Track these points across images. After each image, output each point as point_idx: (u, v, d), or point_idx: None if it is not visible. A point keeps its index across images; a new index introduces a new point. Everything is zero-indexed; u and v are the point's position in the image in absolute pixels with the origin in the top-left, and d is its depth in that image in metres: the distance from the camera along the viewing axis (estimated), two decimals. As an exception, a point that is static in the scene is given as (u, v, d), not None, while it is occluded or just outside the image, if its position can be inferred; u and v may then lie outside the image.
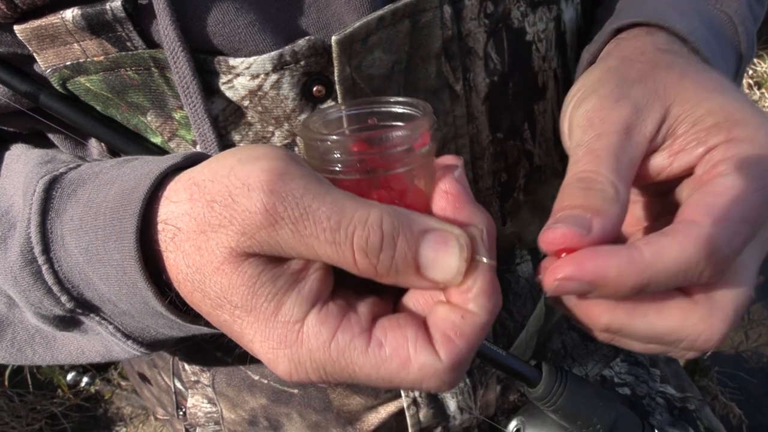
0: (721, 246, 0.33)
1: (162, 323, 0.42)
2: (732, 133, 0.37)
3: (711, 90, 0.39)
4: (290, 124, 0.47)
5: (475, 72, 0.51)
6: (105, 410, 2.09)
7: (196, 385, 0.69)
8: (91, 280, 0.40)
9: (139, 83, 0.45)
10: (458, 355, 0.33)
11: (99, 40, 0.42)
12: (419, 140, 0.36)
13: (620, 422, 0.51)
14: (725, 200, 0.34)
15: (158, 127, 0.47)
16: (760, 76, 2.60)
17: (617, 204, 0.36)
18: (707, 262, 0.33)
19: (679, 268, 0.33)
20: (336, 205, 0.32)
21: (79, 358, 0.49)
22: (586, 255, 0.34)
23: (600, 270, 0.33)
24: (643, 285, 0.34)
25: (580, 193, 0.36)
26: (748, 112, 0.38)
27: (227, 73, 0.44)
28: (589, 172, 0.37)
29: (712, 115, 0.38)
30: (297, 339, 0.33)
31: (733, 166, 0.35)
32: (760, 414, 2.08)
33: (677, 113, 0.39)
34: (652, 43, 0.46)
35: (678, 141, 0.38)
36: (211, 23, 0.42)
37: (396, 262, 0.33)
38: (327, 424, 0.65)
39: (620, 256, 0.33)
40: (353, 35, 0.43)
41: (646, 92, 0.40)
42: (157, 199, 0.37)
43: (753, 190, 0.34)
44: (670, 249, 0.33)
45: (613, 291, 0.34)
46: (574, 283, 0.34)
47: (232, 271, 0.33)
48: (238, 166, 0.34)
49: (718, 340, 0.36)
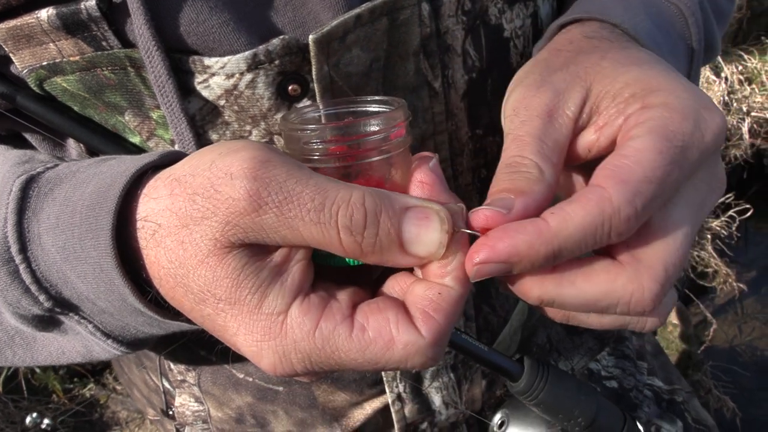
0: (622, 206, 0.34)
1: (141, 320, 0.42)
2: (646, 100, 0.38)
3: (629, 64, 0.41)
4: (267, 123, 0.47)
5: (453, 69, 0.51)
6: (100, 415, 2.09)
7: (183, 384, 0.69)
8: (69, 278, 0.40)
9: (115, 83, 0.45)
10: (439, 329, 0.35)
11: (75, 40, 0.42)
12: (395, 130, 0.37)
13: (601, 414, 0.51)
14: (629, 162, 0.35)
15: (136, 127, 0.48)
16: (750, 72, 2.61)
17: (541, 183, 0.37)
18: (610, 223, 0.34)
19: (585, 232, 0.34)
20: (319, 187, 0.34)
21: (60, 358, 0.49)
22: (496, 236, 0.35)
23: (511, 248, 0.34)
24: (555, 253, 0.35)
25: (506, 177, 0.38)
26: (663, 79, 0.39)
27: (202, 73, 0.44)
28: (515, 156, 0.38)
29: (630, 86, 0.39)
30: (281, 331, 0.34)
31: (643, 129, 0.36)
32: (754, 407, 2.09)
33: (598, 90, 0.40)
34: (581, 32, 0.47)
35: (602, 116, 0.40)
36: (185, 22, 0.42)
37: (380, 239, 0.34)
38: (313, 420, 0.66)
39: (527, 230, 0.34)
40: (330, 34, 0.43)
41: (567, 76, 0.41)
42: (136, 197, 0.37)
43: (658, 151, 0.35)
44: (573, 215, 0.34)
45: (530, 264, 0.35)
46: (492, 265, 0.35)
47: (217, 263, 0.34)
48: (219, 159, 0.34)
49: (650, 299, 0.36)
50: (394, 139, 0.37)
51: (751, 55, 2.64)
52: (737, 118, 2.52)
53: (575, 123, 0.40)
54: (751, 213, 2.37)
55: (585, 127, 0.40)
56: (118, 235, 0.37)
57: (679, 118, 0.36)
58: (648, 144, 0.35)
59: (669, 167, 0.35)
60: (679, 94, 0.38)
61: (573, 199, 0.35)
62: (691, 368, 2.11)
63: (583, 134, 0.40)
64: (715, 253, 2.40)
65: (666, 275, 0.36)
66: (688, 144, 0.36)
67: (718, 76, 2.56)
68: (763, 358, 2.26)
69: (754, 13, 2.77)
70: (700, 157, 0.37)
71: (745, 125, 2.52)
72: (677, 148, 0.36)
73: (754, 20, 2.79)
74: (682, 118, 0.36)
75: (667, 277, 0.36)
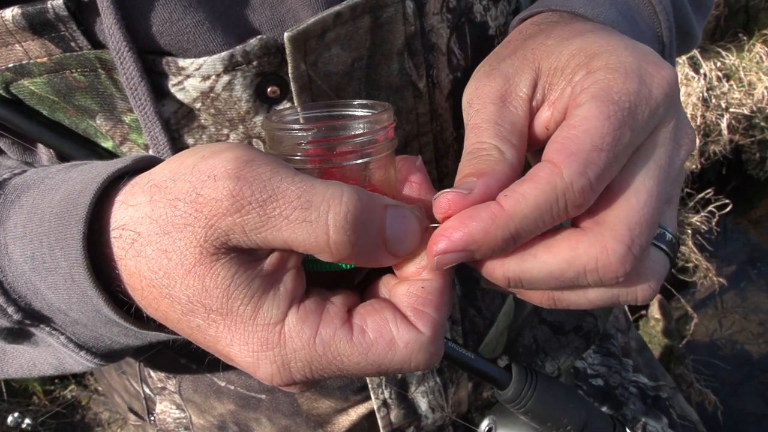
0: (574, 179, 0.33)
1: (116, 331, 0.41)
2: (590, 65, 0.37)
3: (571, 36, 0.40)
4: (245, 126, 0.45)
5: (438, 68, 0.50)
6: (82, 416, 2.07)
7: (164, 392, 0.67)
8: (39, 289, 0.39)
9: (85, 85, 0.43)
10: (435, 323, 0.35)
11: (42, 41, 0.41)
12: (382, 133, 0.37)
13: (591, 422, 0.50)
14: (577, 132, 0.34)
15: (108, 131, 0.46)
16: (728, 69, 2.64)
17: (502, 163, 0.36)
18: (564, 198, 0.33)
19: (540, 210, 0.34)
20: (305, 184, 0.32)
21: (31, 371, 0.47)
22: (452, 226, 0.34)
23: (467, 236, 0.34)
24: (513, 236, 0.34)
25: (467, 164, 0.37)
26: (605, 42, 0.38)
27: (177, 75, 0.42)
28: (474, 143, 0.38)
29: (574, 56, 0.38)
30: (279, 340, 0.33)
31: (587, 95, 0.35)
32: (735, 400, 2.12)
33: (547, 68, 0.39)
34: (531, 22, 0.47)
35: (554, 90, 0.39)
36: (158, 22, 0.40)
37: (370, 239, 0.34)
38: (297, 427, 0.65)
39: (481, 217, 0.34)
40: (307, 31, 0.42)
41: (514, 61, 0.41)
42: (109, 204, 0.35)
43: (605, 116, 0.34)
44: (526, 195, 0.34)
45: (490, 250, 0.34)
46: (452, 254, 0.34)
47: (205, 272, 0.32)
48: (201, 162, 0.33)
49: (617, 261, 0.34)
50: (381, 141, 0.37)
51: (729, 51, 2.67)
52: (716, 114, 2.56)
53: (530, 103, 0.39)
54: (730, 208, 2.40)
55: (541, 106, 0.40)
56: (89, 244, 0.35)
57: (622, 77, 0.35)
58: (593, 110, 0.34)
59: (618, 131, 0.34)
60: (620, 53, 0.37)
61: (525, 179, 0.35)
62: (673, 362, 2.13)
63: (539, 113, 0.40)
64: (696, 248, 2.43)
65: (630, 234, 0.35)
66: (635, 103, 0.35)
67: (696, 72, 2.59)
68: (743, 352, 2.29)
69: (731, 10, 2.80)
70: (652, 114, 0.35)
71: (723, 121, 2.55)
72: (624, 110, 0.34)
73: (731, 17, 2.83)
74: (624, 78, 0.35)
75: (632, 236, 0.35)
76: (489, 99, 0.39)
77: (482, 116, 0.39)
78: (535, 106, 0.39)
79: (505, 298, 0.67)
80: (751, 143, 2.70)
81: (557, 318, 0.75)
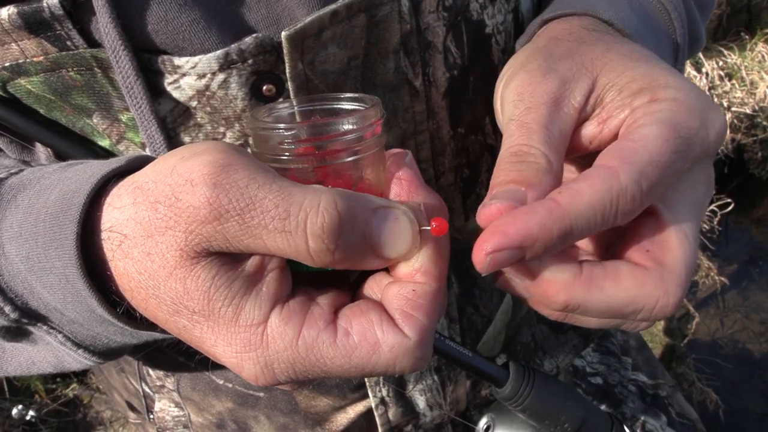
0: (629, 185, 0.34)
1: (112, 330, 0.41)
2: (656, 94, 0.38)
3: (636, 60, 0.40)
4: (241, 124, 0.45)
5: (434, 66, 0.50)
6: (84, 414, 2.07)
7: (162, 390, 0.68)
8: (35, 288, 0.39)
9: (82, 84, 0.43)
10: (422, 327, 0.34)
11: (38, 40, 0.41)
12: (369, 129, 0.36)
13: (589, 420, 0.50)
14: (636, 145, 0.35)
15: (105, 130, 0.46)
16: (730, 68, 2.63)
17: (549, 174, 0.36)
18: (617, 202, 0.34)
19: (594, 209, 0.34)
20: (283, 192, 0.32)
21: (30, 369, 0.47)
22: (507, 221, 0.33)
23: (524, 231, 0.33)
24: (567, 231, 0.34)
25: (513, 168, 0.37)
26: (671, 77, 0.39)
27: (173, 73, 0.42)
28: (522, 145, 0.37)
29: (637, 81, 0.38)
30: (262, 342, 0.33)
31: (651, 119, 0.36)
32: (737, 399, 2.11)
33: (604, 83, 0.39)
34: (579, 24, 0.46)
35: (606, 108, 0.39)
36: (153, 20, 0.41)
37: (354, 245, 0.33)
38: (295, 425, 0.65)
39: (538, 211, 0.33)
40: (304, 30, 0.42)
41: (573, 65, 0.40)
42: (101, 205, 0.35)
43: (664, 138, 0.35)
44: (582, 192, 0.34)
45: (543, 247, 0.34)
46: (505, 252, 0.33)
47: (186, 275, 0.32)
48: (180, 164, 0.33)
49: (674, 305, 0.36)
50: (369, 138, 0.36)
51: (731, 50, 2.66)
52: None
53: (579, 114, 0.39)
54: (732, 207, 2.39)
55: (587, 118, 0.40)
56: (83, 244, 0.35)
57: (687, 113, 0.36)
58: (655, 131, 0.35)
59: (674, 155, 0.35)
60: (688, 92, 0.38)
61: (580, 178, 0.35)
62: (675, 361, 2.13)
63: (586, 125, 0.40)
64: (697, 247, 2.42)
65: (687, 279, 0.37)
66: (693, 138, 0.36)
67: (699, 71, 2.58)
68: (745, 351, 2.29)
69: (733, 9, 2.79)
70: (702, 154, 0.37)
71: (725, 120, 2.54)
72: (683, 139, 0.36)
73: (733, 16, 2.82)
74: (689, 114, 0.36)
75: (688, 281, 0.37)
76: (543, 99, 0.39)
77: (534, 116, 0.38)
78: (584, 116, 0.39)
79: (503, 297, 0.67)
80: (753, 142, 2.69)
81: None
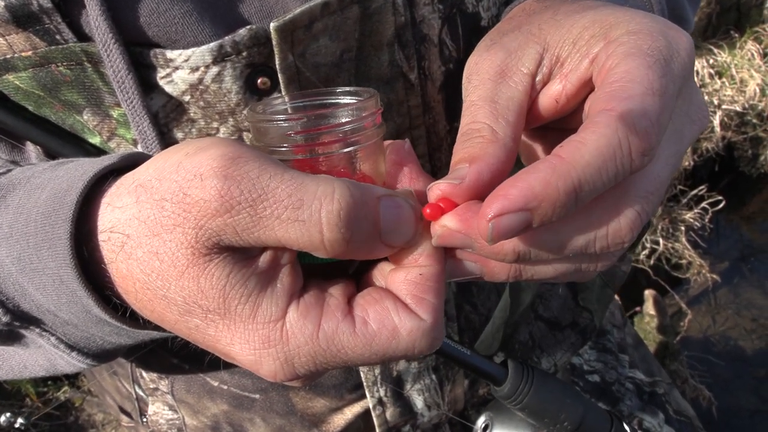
0: (638, 118, 0.31)
1: (108, 330, 0.40)
2: (608, 35, 0.35)
3: (582, 11, 0.38)
4: (235, 119, 0.45)
5: (430, 60, 0.49)
6: (76, 418, 2.05)
7: (156, 393, 0.67)
8: (27, 290, 0.38)
9: (71, 79, 0.42)
10: (436, 308, 0.34)
11: (26, 34, 0.40)
12: (368, 120, 0.36)
13: (589, 417, 0.50)
14: (623, 83, 0.32)
15: (96, 126, 0.45)
16: (720, 66, 2.65)
17: (494, 143, 0.35)
18: (628, 141, 0.30)
19: (603, 156, 0.30)
20: (296, 181, 0.31)
21: (22, 373, 0.46)
22: (508, 183, 0.31)
23: (527, 190, 0.30)
24: (576, 187, 0.30)
25: (460, 147, 0.36)
26: (620, 14, 0.37)
27: (165, 67, 0.41)
28: (469, 124, 0.37)
29: (588, 29, 0.37)
30: (281, 337, 0.33)
31: (619, 56, 0.34)
32: (729, 395, 2.12)
33: (555, 41, 0.38)
34: (535, 0, 0.45)
35: (565, 64, 0.37)
36: (145, 13, 0.40)
37: (365, 234, 0.33)
38: (291, 427, 0.64)
39: (539, 168, 0.31)
40: (294, 22, 0.41)
41: (518, 36, 0.39)
42: (96, 204, 0.35)
43: (646, 66, 0.32)
44: (585, 140, 0.31)
45: (551, 207, 0.30)
46: (509, 217, 0.30)
47: (199, 273, 0.32)
48: (186, 160, 0.32)
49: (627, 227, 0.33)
50: (369, 128, 0.36)
51: (720, 49, 2.68)
52: (708, 111, 2.56)
53: (532, 79, 0.38)
54: (722, 205, 2.40)
55: (548, 80, 0.38)
56: (77, 245, 0.35)
57: (648, 37, 0.34)
58: (631, 63, 0.33)
59: (663, 79, 0.32)
60: (639, 20, 0.35)
61: (580, 129, 0.32)
62: (668, 358, 2.13)
63: (548, 87, 0.38)
64: (689, 245, 2.43)
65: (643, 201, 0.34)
66: (668, 56, 0.33)
67: (689, 69, 2.59)
68: (737, 348, 2.30)
69: (723, 7, 2.81)
70: (682, 70, 0.34)
71: (716, 119, 2.56)
72: (661, 61, 0.33)
73: (723, 15, 2.84)
74: (650, 37, 0.34)
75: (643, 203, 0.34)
76: (488, 75, 0.38)
77: (479, 93, 0.37)
78: (540, 80, 0.38)
79: (501, 294, 0.66)
80: (744, 140, 2.71)
81: (553, 314, 0.75)
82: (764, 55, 2.68)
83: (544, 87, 0.38)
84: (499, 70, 0.38)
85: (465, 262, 0.37)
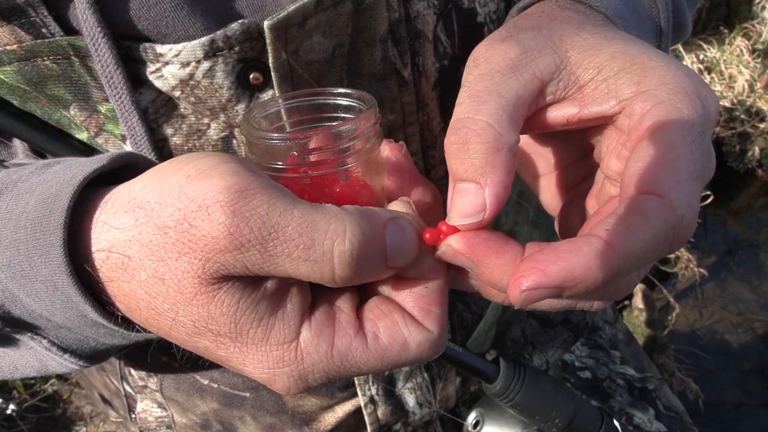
0: (684, 212, 0.31)
1: (102, 332, 0.40)
2: (643, 81, 0.35)
3: (610, 38, 0.37)
4: (227, 115, 0.44)
5: (424, 56, 0.49)
6: (64, 410, 2.04)
7: (144, 390, 0.66)
8: (18, 297, 0.37)
9: (58, 74, 0.41)
10: (441, 320, 0.35)
11: (11, 27, 0.39)
12: (367, 133, 0.36)
13: (579, 414, 0.50)
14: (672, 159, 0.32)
15: (83, 122, 0.44)
16: (709, 62, 2.66)
17: (500, 154, 0.33)
18: (674, 233, 0.31)
19: (649, 247, 0.31)
20: (305, 218, 0.31)
21: (13, 374, 0.45)
22: (548, 259, 0.31)
23: (566, 272, 0.30)
24: (614, 274, 0.31)
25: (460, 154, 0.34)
26: (652, 54, 0.36)
27: (155, 62, 0.41)
28: (472, 115, 0.34)
29: (616, 59, 0.36)
30: (296, 357, 0.33)
31: (661, 121, 0.33)
32: (715, 388, 2.14)
33: (578, 59, 0.36)
34: (555, 3, 0.44)
35: (587, 89, 0.36)
36: (134, 6, 0.39)
37: (373, 264, 0.33)
38: (282, 425, 0.63)
39: (584, 252, 0.30)
40: (288, 19, 0.40)
41: (537, 36, 0.37)
42: (88, 216, 0.34)
43: (691, 142, 0.32)
44: (635, 231, 0.31)
45: (585, 289, 0.31)
46: (542, 291, 0.31)
47: (208, 301, 0.32)
48: (188, 186, 0.31)
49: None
50: (368, 143, 0.36)
51: (710, 44, 2.69)
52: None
53: (542, 85, 0.36)
54: (710, 200, 2.42)
55: (564, 98, 0.37)
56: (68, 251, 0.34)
57: (688, 101, 0.34)
58: (676, 137, 0.32)
59: (703, 157, 0.33)
60: (674, 72, 0.35)
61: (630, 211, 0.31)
62: (656, 352, 2.15)
63: (562, 105, 0.37)
64: (677, 239, 2.45)
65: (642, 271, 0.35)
66: (704, 128, 0.33)
67: (678, 64, 2.60)
68: (723, 341, 2.32)
69: (712, 3, 2.82)
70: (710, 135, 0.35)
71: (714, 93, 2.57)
72: (698, 135, 0.33)
73: (712, 10, 2.85)
74: (689, 101, 0.34)
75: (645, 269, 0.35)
76: (498, 66, 0.36)
77: (486, 84, 0.35)
78: (552, 93, 0.37)
79: (493, 292, 0.66)
80: (732, 135, 2.73)
81: (545, 311, 0.75)
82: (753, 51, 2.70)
83: (555, 104, 0.37)
84: (512, 64, 0.36)
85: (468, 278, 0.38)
